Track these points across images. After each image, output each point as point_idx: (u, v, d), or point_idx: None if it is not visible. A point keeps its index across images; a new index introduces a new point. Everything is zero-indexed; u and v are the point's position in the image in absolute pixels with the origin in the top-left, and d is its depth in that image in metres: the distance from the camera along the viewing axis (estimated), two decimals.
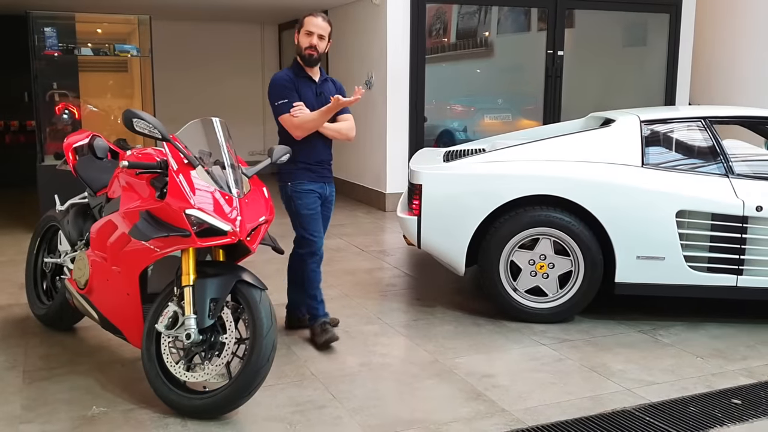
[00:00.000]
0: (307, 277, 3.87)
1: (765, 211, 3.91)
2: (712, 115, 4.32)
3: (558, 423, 2.94)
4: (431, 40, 8.05)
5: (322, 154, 3.85)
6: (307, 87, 3.79)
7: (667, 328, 4.11)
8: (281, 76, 3.80)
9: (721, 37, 8.91)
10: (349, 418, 2.99)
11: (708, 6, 9.00)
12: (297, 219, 3.83)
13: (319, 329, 3.82)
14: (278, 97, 3.73)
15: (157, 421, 2.95)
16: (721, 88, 8.96)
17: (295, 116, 3.66)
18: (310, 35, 3.72)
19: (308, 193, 3.79)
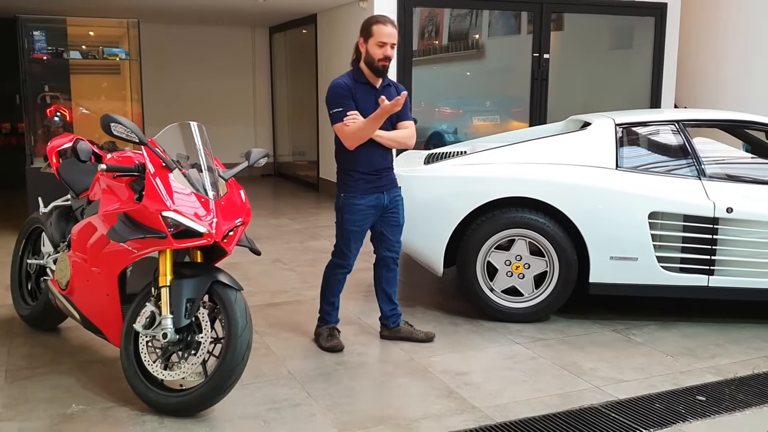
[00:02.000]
0: (330, 284, 3.87)
1: (735, 213, 3.99)
2: (685, 119, 4.41)
3: (525, 419, 3.02)
4: (423, 42, 8.13)
5: (380, 163, 3.68)
6: (366, 93, 3.63)
7: (640, 327, 4.19)
8: (339, 82, 3.64)
9: (707, 39, 9.00)
10: (323, 416, 3.07)
11: (694, 9, 9.09)
12: (340, 231, 3.75)
13: (326, 333, 3.85)
14: (333, 104, 3.60)
15: (135, 418, 3.02)
16: (707, 91, 9.04)
17: (348, 125, 3.55)
18: (383, 46, 3.54)
19: (359, 208, 3.66)
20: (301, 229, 7.14)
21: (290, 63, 10.73)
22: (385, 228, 3.79)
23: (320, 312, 3.93)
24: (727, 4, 8.69)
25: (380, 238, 3.82)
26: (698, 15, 9.10)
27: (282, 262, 5.73)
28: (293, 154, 10.94)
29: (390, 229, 3.80)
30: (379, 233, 3.81)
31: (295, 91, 10.57)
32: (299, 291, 4.94)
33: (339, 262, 3.81)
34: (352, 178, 3.66)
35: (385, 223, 3.78)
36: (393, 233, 3.81)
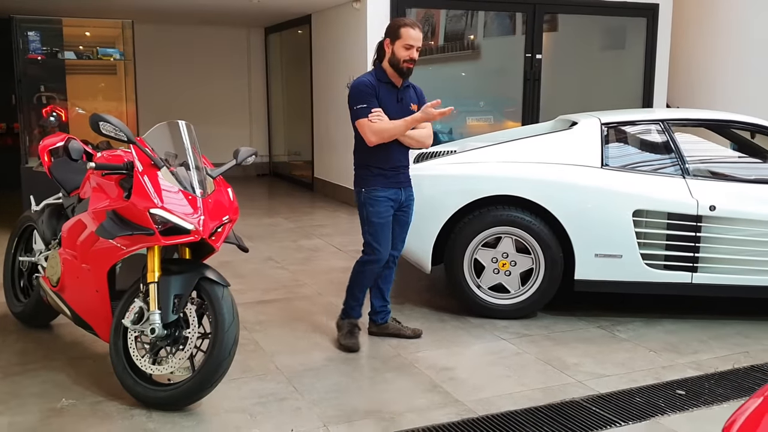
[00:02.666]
0: (359, 279, 3.85)
1: (718, 211, 4.05)
2: (670, 118, 4.46)
3: (507, 413, 3.08)
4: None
5: (398, 160, 3.78)
6: (388, 93, 3.72)
7: (625, 323, 4.25)
8: (363, 80, 3.72)
9: (699, 39, 9.05)
10: (308, 410, 3.12)
11: (687, 9, 9.15)
12: (366, 226, 3.77)
13: (347, 329, 3.86)
14: (358, 101, 3.67)
15: (124, 412, 3.07)
16: (699, 91, 9.09)
17: (373, 122, 3.62)
18: (410, 48, 3.64)
19: (381, 200, 3.72)
20: (294, 228, 7.19)
21: (286, 63, 10.79)
22: (394, 225, 3.82)
23: (344, 305, 3.92)
24: (720, 5, 8.75)
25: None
26: (691, 15, 9.16)
27: (274, 261, 5.79)
28: (288, 154, 10.99)
29: (398, 227, 3.85)
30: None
31: (290, 91, 10.63)
32: (290, 289, 4.99)
33: (370, 257, 3.78)
34: (371, 172, 3.72)
35: (395, 221, 3.82)
36: (400, 231, 3.87)
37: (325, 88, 8.98)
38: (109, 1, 8.00)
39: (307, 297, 4.79)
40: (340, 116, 8.61)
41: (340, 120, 8.60)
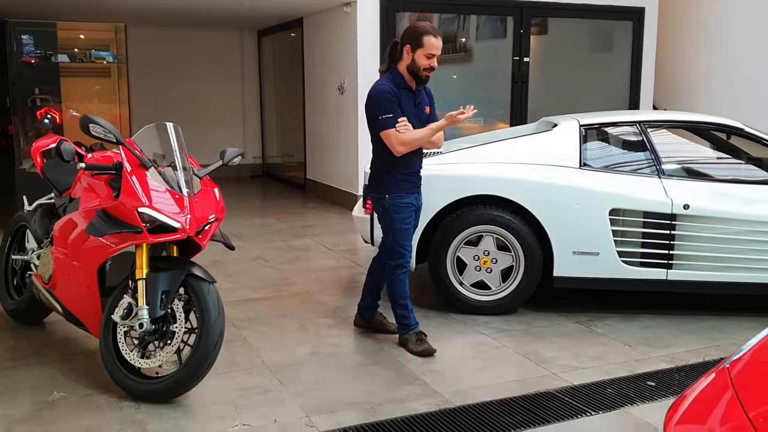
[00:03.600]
0: (397, 288, 3.85)
1: (692, 209, 4.18)
2: (647, 120, 4.59)
3: (483, 403, 3.20)
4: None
5: (417, 165, 3.85)
6: (407, 98, 3.74)
7: (603, 319, 4.37)
8: (384, 88, 3.68)
9: (685, 41, 9.20)
10: (291, 401, 3.23)
11: (673, 11, 9.29)
12: (392, 232, 3.78)
13: (414, 338, 3.85)
14: (382, 110, 3.64)
15: (113, 404, 3.18)
16: (685, 93, 9.24)
17: (401, 132, 3.62)
18: (431, 57, 3.66)
19: (406, 206, 3.77)
20: (285, 228, 7.30)
21: (279, 66, 10.90)
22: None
23: (398, 319, 3.92)
24: (705, 9, 8.90)
25: None
26: (677, 18, 9.30)
27: (264, 260, 5.90)
28: (282, 156, 11.10)
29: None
30: None
31: (283, 93, 10.74)
32: (279, 287, 5.10)
33: (398, 262, 3.81)
34: (395, 179, 3.74)
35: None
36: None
37: (317, 90, 9.10)
38: (102, 5, 8.11)
39: (295, 295, 4.90)
40: (331, 118, 8.74)
41: (332, 122, 8.73)
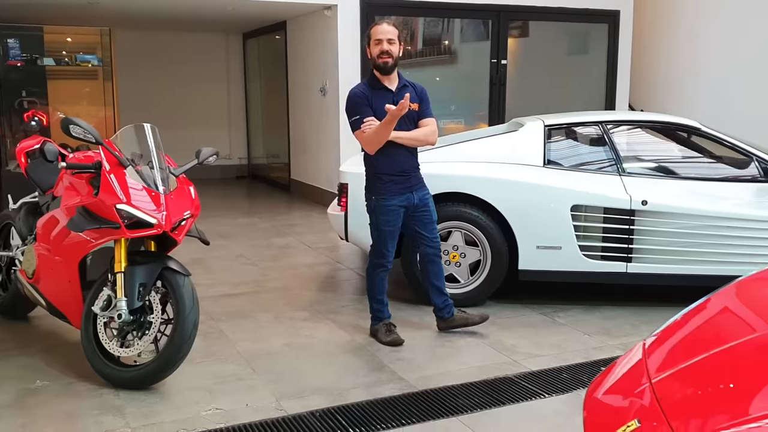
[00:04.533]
0: (375, 283, 4.00)
1: (650, 205, 4.38)
2: (608, 120, 4.80)
3: (444, 387, 3.39)
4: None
5: (405, 164, 3.83)
6: (382, 98, 3.74)
7: (566, 310, 4.57)
8: (355, 91, 3.79)
9: (660, 42, 9.44)
10: (263, 387, 3.41)
11: (648, 14, 9.53)
12: (376, 232, 3.92)
13: (384, 329, 3.99)
14: (351, 113, 3.75)
15: (93, 391, 3.35)
16: (661, 93, 9.48)
17: (365, 132, 3.69)
18: (379, 43, 3.72)
19: (391, 210, 3.82)
20: (268, 227, 7.47)
21: (263, 68, 11.07)
22: (419, 227, 3.96)
23: (372, 311, 4.07)
24: (679, 11, 9.14)
25: (417, 236, 3.98)
26: (652, 21, 9.54)
27: (245, 257, 6.07)
28: (267, 157, 11.26)
29: (425, 226, 3.96)
30: (416, 232, 3.97)
31: (268, 95, 10.90)
32: (258, 283, 5.28)
33: (379, 261, 3.95)
34: (381, 180, 3.81)
35: (418, 222, 3.94)
36: (429, 230, 3.98)
37: (300, 92, 9.28)
38: (89, 10, 8.25)
39: (273, 290, 5.08)
40: (314, 119, 8.92)
41: (314, 123, 8.91)
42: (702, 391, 1.63)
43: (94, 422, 3.06)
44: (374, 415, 3.11)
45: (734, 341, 1.80)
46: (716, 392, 1.60)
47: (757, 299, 2.08)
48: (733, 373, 1.65)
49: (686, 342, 1.92)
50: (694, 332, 1.97)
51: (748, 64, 8.33)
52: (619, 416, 1.69)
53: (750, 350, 1.72)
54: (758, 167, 4.57)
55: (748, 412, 1.46)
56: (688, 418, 1.54)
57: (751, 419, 1.43)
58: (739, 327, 1.92)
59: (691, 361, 1.76)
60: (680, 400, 1.63)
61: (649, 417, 1.60)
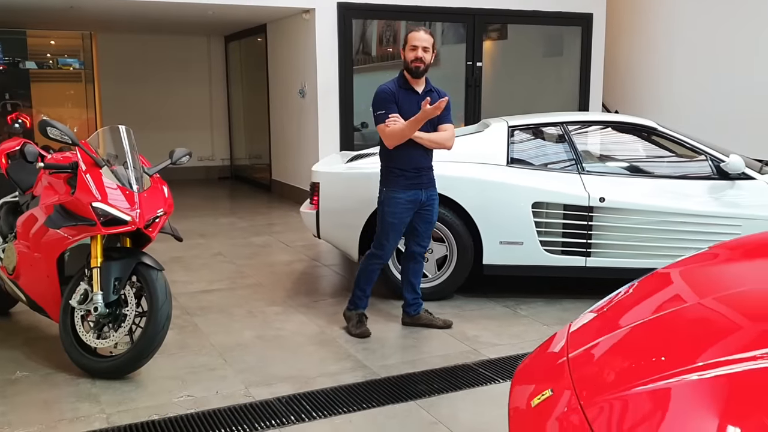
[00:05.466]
0: (366, 273, 4.16)
1: (607, 202, 4.59)
2: (569, 120, 5.01)
3: (406, 374, 3.57)
4: (381, 48, 8.72)
5: (420, 162, 4.02)
6: (409, 98, 3.97)
7: (528, 303, 4.77)
8: (383, 88, 3.98)
9: (634, 44, 9.69)
10: (234, 376, 3.59)
11: (621, 18, 9.77)
12: (381, 223, 4.06)
13: (356, 318, 4.15)
14: (377, 107, 3.94)
15: (71, 381, 3.51)
16: (635, 92, 9.73)
17: (389, 126, 3.88)
18: (415, 49, 3.93)
19: (398, 203, 3.98)
20: (247, 226, 7.64)
21: (245, 70, 11.23)
22: (418, 224, 4.12)
23: (352, 297, 4.22)
24: (653, 14, 9.39)
25: (413, 232, 4.15)
26: (627, 23, 9.79)
27: (223, 256, 6.23)
28: (249, 158, 11.42)
29: (423, 225, 4.13)
30: (413, 228, 4.13)
31: (250, 97, 11.06)
32: (234, 280, 5.44)
33: (377, 252, 4.09)
34: (394, 174, 3.99)
35: (419, 219, 4.10)
36: (425, 229, 4.16)
37: (281, 93, 9.45)
38: (71, 14, 8.38)
39: (248, 287, 5.25)
40: (293, 121, 9.09)
41: (294, 124, 9.08)
42: (609, 362, 1.83)
43: (71, 408, 3.22)
44: (337, 400, 3.30)
45: (648, 316, 1.99)
46: (620, 362, 1.80)
47: (683, 278, 2.28)
48: (640, 345, 1.85)
49: (605, 319, 2.11)
50: (614, 310, 2.16)
51: (719, 64, 8.58)
52: (538, 387, 1.87)
53: (661, 323, 1.92)
54: (711, 165, 4.79)
55: (642, 377, 1.66)
56: (592, 386, 1.73)
57: (641, 383, 1.62)
58: (656, 304, 2.12)
59: (605, 336, 1.95)
60: (589, 370, 1.82)
61: (561, 387, 1.79)
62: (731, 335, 1.80)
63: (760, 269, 2.21)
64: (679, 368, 1.64)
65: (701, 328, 1.86)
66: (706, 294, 2.06)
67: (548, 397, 1.78)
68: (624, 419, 1.57)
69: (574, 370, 1.83)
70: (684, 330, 1.87)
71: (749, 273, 2.20)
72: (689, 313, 1.97)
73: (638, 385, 1.64)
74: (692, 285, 2.21)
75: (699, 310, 1.96)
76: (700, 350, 1.71)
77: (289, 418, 3.12)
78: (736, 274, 2.25)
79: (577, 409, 1.65)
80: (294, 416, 3.14)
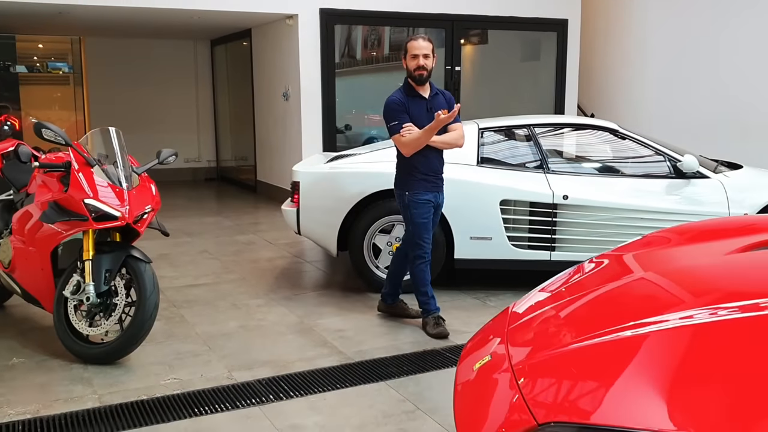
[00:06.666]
0: (418, 276, 4.27)
1: (570, 199, 4.89)
2: (536, 123, 5.31)
3: (377, 359, 3.85)
4: (370, 50, 8.99)
5: (436, 165, 4.22)
6: (417, 105, 4.15)
7: (497, 295, 5.06)
8: (393, 99, 4.14)
9: (608, 48, 10.03)
10: (218, 362, 3.84)
11: (598, 22, 10.11)
12: (411, 225, 4.21)
13: (432, 321, 4.25)
14: (390, 119, 4.11)
15: (64, 366, 3.76)
16: (610, 95, 10.07)
17: (404, 136, 4.06)
18: (416, 58, 4.11)
19: (424, 203, 4.17)
20: (232, 225, 7.88)
21: (231, 73, 11.47)
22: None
23: (420, 305, 4.35)
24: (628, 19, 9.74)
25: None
26: (603, 28, 10.13)
27: (208, 253, 6.48)
28: (235, 159, 11.65)
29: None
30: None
31: (236, 99, 11.30)
32: (219, 275, 5.69)
33: (417, 253, 4.23)
34: (414, 178, 4.16)
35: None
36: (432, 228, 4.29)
37: (265, 96, 9.70)
38: (59, 19, 8.60)
39: (232, 281, 5.50)
40: (278, 123, 9.34)
41: (278, 126, 9.33)
42: (541, 329, 2.11)
43: (65, 390, 3.46)
44: (313, 381, 3.56)
45: (580, 292, 2.28)
46: (551, 328, 2.08)
47: (617, 261, 2.56)
48: (571, 315, 2.13)
49: (543, 296, 2.39)
50: (552, 288, 2.45)
51: (691, 68, 8.92)
52: (479, 355, 2.15)
53: (590, 297, 2.20)
54: (669, 165, 5.10)
55: (567, 341, 1.94)
56: (524, 349, 2.01)
57: (566, 345, 1.90)
58: (588, 282, 2.40)
59: (542, 309, 2.24)
60: (523, 337, 2.10)
61: (498, 352, 2.06)
62: (647, 302, 2.08)
63: (682, 252, 2.51)
64: (599, 331, 1.93)
65: (626, 300, 2.15)
66: (630, 272, 2.35)
67: (487, 362, 2.06)
68: (546, 376, 1.85)
69: (511, 339, 2.11)
70: (610, 301, 2.16)
71: (673, 255, 2.49)
72: (616, 288, 2.26)
73: (563, 346, 1.92)
74: (623, 266, 2.50)
75: (626, 286, 2.25)
76: (619, 318, 1.99)
77: (268, 397, 3.38)
78: (665, 256, 2.54)
79: (508, 369, 1.92)
80: (273, 395, 3.40)
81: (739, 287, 2.02)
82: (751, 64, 8.22)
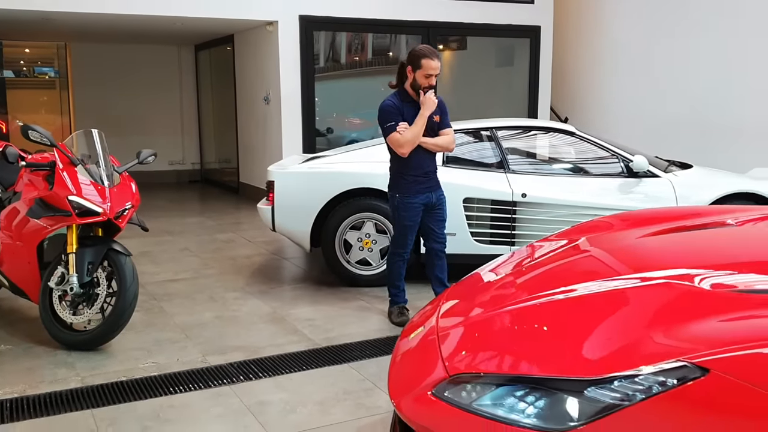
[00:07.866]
0: (394, 271, 4.55)
1: (529, 197, 5.20)
2: (498, 126, 5.62)
3: (343, 344, 4.14)
4: (350, 56, 9.28)
5: (428, 166, 4.38)
6: (410, 109, 4.31)
7: None
8: (387, 103, 4.32)
9: (581, 54, 10.39)
10: (193, 347, 4.12)
11: (572, 27, 10.46)
12: (398, 227, 4.45)
13: (397, 311, 4.53)
14: (385, 121, 4.27)
15: (50, 352, 4.02)
16: (583, 98, 10.42)
17: (401, 133, 4.23)
18: (429, 77, 4.25)
19: (413, 206, 4.34)
20: (214, 225, 8.15)
21: (214, 78, 11.74)
22: (432, 223, 4.46)
23: (390, 295, 4.61)
24: (600, 25, 10.10)
25: (429, 232, 4.50)
26: (572, 35, 10.49)
27: (189, 250, 6.75)
28: (218, 162, 11.92)
29: (437, 224, 4.48)
30: (428, 228, 4.47)
31: (219, 103, 11.56)
32: (198, 271, 5.96)
33: (398, 251, 4.48)
34: (406, 180, 4.32)
35: (432, 218, 4.45)
36: (440, 227, 4.49)
37: (247, 100, 9.98)
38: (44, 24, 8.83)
39: (210, 276, 5.77)
40: (259, 126, 9.62)
41: (260, 129, 9.61)
42: (469, 300, 2.42)
43: (50, 373, 3.73)
44: (282, 364, 3.85)
45: (509, 270, 2.58)
46: (478, 300, 2.39)
47: (550, 244, 2.87)
48: (498, 288, 2.43)
49: (477, 275, 2.70)
50: (485, 269, 2.76)
51: (659, 71, 9.28)
52: (414, 327, 2.45)
53: (518, 274, 2.51)
54: (622, 165, 5.42)
55: (489, 309, 2.24)
56: (450, 320, 2.31)
57: (485, 312, 2.20)
58: (518, 261, 2.71)
59: (474, 283, 2.54)
60: (453, 308, 2.40)
61: (430, 324, 2.36)
62: (551, 280, 2.39)
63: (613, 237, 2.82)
64: (519, 299, 2.23)
65: (538, 278, 2.46)
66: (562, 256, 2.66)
67: (420, 332, 2.36)
68: (461, 339, 2.15)
69: (442, 314, 2.41)
70: (539, 276, 2.47)
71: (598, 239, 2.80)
72: (543, 264, 2.57)
73: (481, 314, 2.22)
74: (548, 251, 2.81)
75: (541, 266, 2.56)
76: (520, 294, 2.30)
77: (238, 378, 3.66)
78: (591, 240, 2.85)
79: (434, 332, 2.22)
80: (243, 376, 3.68)
81: (632, 264, 2.34)
82: (712, 67, 8.59)
